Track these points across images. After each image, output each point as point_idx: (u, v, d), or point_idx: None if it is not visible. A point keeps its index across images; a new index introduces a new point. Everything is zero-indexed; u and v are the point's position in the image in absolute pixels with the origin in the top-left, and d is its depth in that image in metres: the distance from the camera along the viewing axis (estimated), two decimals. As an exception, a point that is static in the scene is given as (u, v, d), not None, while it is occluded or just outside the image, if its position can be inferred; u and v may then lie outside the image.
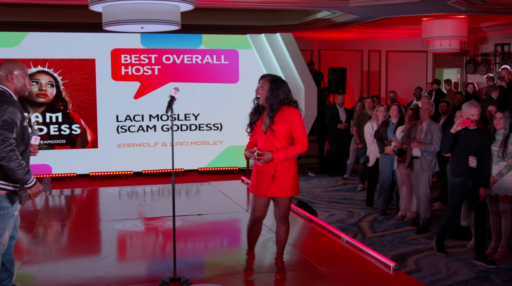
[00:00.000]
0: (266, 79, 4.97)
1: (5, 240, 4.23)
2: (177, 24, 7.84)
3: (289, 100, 4.90)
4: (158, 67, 11.70)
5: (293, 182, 4.94)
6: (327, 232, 6.55)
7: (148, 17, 7.32)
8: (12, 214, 4.24)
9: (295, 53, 11.99)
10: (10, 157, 4.03)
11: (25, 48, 11.11)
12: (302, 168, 12.85)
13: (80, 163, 11.47)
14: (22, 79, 4.32)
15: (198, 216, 7.41)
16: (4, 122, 4.02)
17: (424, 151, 7.35)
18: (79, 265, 5.52)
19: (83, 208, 8.69)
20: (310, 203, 8.90)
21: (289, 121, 4.80)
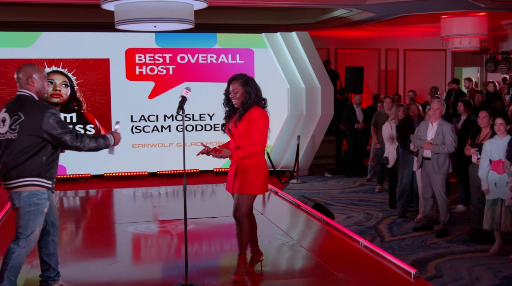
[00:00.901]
0: (239, 83, 4.90)
1: (34, 237, 4.33)
2: (190, 23, 7.70)
3: (259, 98, 4.93)
4: (173, 66, 11.59)
5: (252, 180, 4.85)
6: (345, 236, 6.36)
7: (161, 15, 7.18)
8: (41, 210, 4.33)
9: (311, 52, 11.82)
10: (84, 142, 4.38)
11: (39, 48, 11.05)
12: (318, 168, 12.69)
13: (94, 164, 11.38)
14: (41, 81, 4.45)
15: (212, 218, 7.26)
16: (59, 123, 4.29)
17: (436, 152, 7.12)
18: (90, 268, 5.41)
19: (96, 210, 8.58)
20: (326, 205, 8.71)
21: (248, 120, 4.78)
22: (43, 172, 4.31)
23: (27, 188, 4.27)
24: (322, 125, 11.89)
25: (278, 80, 11.92)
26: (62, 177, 11.16)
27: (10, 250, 4.30)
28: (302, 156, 11.71)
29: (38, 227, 4.35)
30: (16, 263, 4.30)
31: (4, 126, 4.31)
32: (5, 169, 4.27)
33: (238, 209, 4.93)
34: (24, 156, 4.24)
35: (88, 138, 4.41)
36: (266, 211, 8.00)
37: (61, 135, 4.26)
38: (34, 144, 4.26)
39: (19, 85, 4.41)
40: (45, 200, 4.36)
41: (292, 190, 10.25)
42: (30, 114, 4.27)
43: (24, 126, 4.24)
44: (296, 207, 7.86)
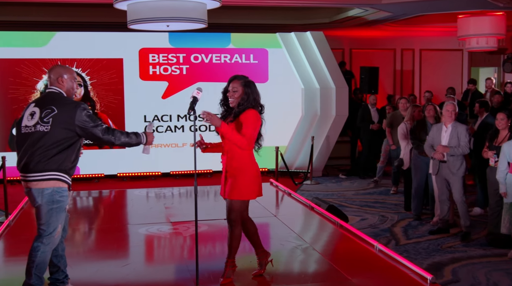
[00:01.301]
0: (239, 83, 4.82)
1: (57, 234, 4.37)
2: (203, 22, 7.62)
3: (257, 103, 4.84)
4: (186, 66, 11.54)
5: (241, 185, 4.78)
6: (359, 239, 6.23)
7: (174, 15, 7.11)
8: (64, 207, 4.37)
9: (326, 52, 11.71)
10: (116, 136, 4.42)
11: (53, 48, 11.06)
12: (333, 169, 12.57)
13: (107, 164, 11.38)
14: (71, 82, 4.53)
15: (224, 220, 7.10)
16: (90, 116, 4.36)
17: (451, 154, 6.99)
18: (101, 270, 5.34)
19: (108, 211, 8.52)
20: (340, 206, 8.60)
21: (242, 120, 4.73)
22: (68, 168, 4.37)
23: (50, 183, 4.27)
24: (337, 126, 11.78)
25: (292, 81, 11.83)
26: (76, 176, 11.15)
27: (35, 248, 4.31)
28: (316, 157, 11.60)
29: (61, 224, 4.39)
30: (42, 260, 4.33)
31: (33, 120, 4.34)
32: (32, 161, 4.26)
33: (231, 214, 4.87)
34: (56, 149, 4.27)
35: (119, 132, 4.47)
36: (279, 213, 7.91)
37: (93, 128, 4.33)
38: (67, 137, 4.31)
39: (49, 83, 4.51)
40: (66, 197, 4.40)
41: (305, 191, 10.15)
42: (63, 108, 4.33)
43: (57, 119, 4.29)
44: (310, 209, 7.75)
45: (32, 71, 10.89)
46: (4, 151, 10.89)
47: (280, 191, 9.15)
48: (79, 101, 4.49)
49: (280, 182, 9.96)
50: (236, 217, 4.86)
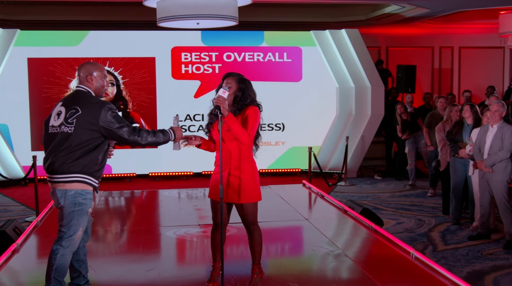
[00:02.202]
0: (234, 79, 4.62)
1: (78, 237, 4.25)
2: (234, 20, 7.45)
3: (254, 101, 4.63)
4: (219, 65, 11.41)
5: (252, 187, 4.59)
6: (394, 246, 5.96)
7: (204, 12, 6.95)
8: (86, 210, 4.25)
9: (361, 50, 11.44)
10: (142, 136, 4.25)
11: (86, 47, 11.06)
12: (368, 170, 12.29)
13: (139, 163, 11.33)
14: (101, 80, 4.40)
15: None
16: (116, 117, 4.20)
17: (490, 165, 6.65)
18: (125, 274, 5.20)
19: (137, 212, 8.39)
20: (375, 209, 8.34)
21: (244, 117, 4.51)
22: (94, 171, 4.23)
23: (74, 185, 4.16)
24: (372, 126, 11.49)
25: (326, 79, 11.59)
26: (108, 176, 11.14)
27: (54, 251, 4.20)
28: (351, 157, 11.34)
29: (82, 227, 4.26)
30: (61, 263, 4.20)
31: (59, 119, 4.23)
32: (57, 162, 4.16)
33: (247, 219, 4.67)
34: (80, 151, 4.15)
35: (146, 132, 4.28)
36: (312, 216, 7.67)
37: (118, 130, 4.17)
38: (92, 139, 4.18)
39: (78, 81, 4.38)
40: (90, 200, 4.27)
41: (339, 193, 9.91)
42: (88, 109, 4.19)
43: (81, 120, 4.15)
44: (343, 212, 7.50)
45: (66, 70, 10.90)
46: (38, 150, 10.94)
47: (313, 193, 8.92)
48: (105, 101, 4.32)
49: (313, 183, 9.72)
50: (253, 220, 4.68)
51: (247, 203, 4.58)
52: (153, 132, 4.32)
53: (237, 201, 4.58)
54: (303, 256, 5.38)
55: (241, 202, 4.58)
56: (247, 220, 4.65)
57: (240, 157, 4.55)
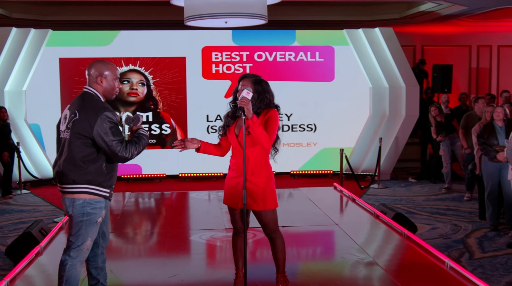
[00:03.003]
0: (249, 80, 4.43)
1: (86, 247, 4.06)
2: (263, 18, 7.28)
3: (272, 102, 4.47)
4: (250, 65, 11.26)
5: (268, 193, 4.41)
6: (428, 254, 5.70)
7: (232, 10, 6.78)
8: (95, 220, 4.04)
9: (396, 49, 11.15)
10: (130, 152, 3.99)
11: (116, 46, 11.05)
12: (402, 172, 11.99)
13: (169, 164, 11.27)
14: (112, 81, 4.13)
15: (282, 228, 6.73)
16: (112, 128, 3.92)
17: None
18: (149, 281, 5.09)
19: (163, 214, 8.28)
20: (409, 214, 8.07)
21: (264, 121, 4.33)
22: (103, 181, 4.01)
23: (82, 196, 3.98)
24: (407, 127, 11.19)
25: (359, 79, 11.35)
26: (138, 176, 11.12)
27: (63, 262, 4.03)
28: (384, 159, 11.07)
29: (91, 237, 4.06)
30: (71, 274, 4.03)
31: (64, 124, 4.04)
32: (62, 171, 3.97)
33: (268, 227, 4.49)
34: (82, 160, 3.92)
35: (132, 145, 4.00)
36: (342, 221, 7.43)
37: (111, 143, 3.89)
38: (85, 147, 3.92)
39: (87, 81, 4.11)
40: (100, 210, 4.05)
41: (372, 196, 9.66)
42: (85, 114, 3.92)
43: (76, 125, 3.92)
44: (375, 217, 7.26)
45: (96, 70, 10.87)
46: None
47: (345, 196, 8.68)
48: (106, 108, 3.99)
49: (344, 185, 9.50)
50: (275, 226, 4.51)
51: (266, 210, 4.41)
52: (134, 144, 4.02)
53: (256, 208, 4.41)
54: (332, 263, 5.18)
55: (260, 209, 4.40)
56: (268, 227, 4.49)
57: (257, 162, 4.39)
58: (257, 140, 4.26)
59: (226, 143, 4.60)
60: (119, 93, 10.93)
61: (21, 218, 8.26)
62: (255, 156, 4.37)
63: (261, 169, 4.40)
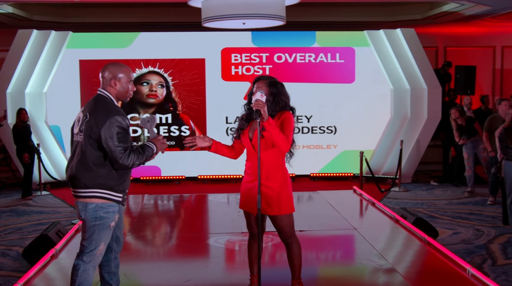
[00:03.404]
0: (264, 83, 4.35)
1: (99, 252, 4.01)
2: (282, 19, 7.18)
3: (288, 105, 4.37)
4: (269, 66, 11.19)
5: (284, 197, 4.30)
6: (449, 260, 5.56)
7: (250, 11, 6.70)
8: (108, 225, 3.99)
9: (418, 50, 10.98)
10: (132, 161, 3.90)
11: (136, 48, 11.06)
12: (424, 175, 11.81)
13: (188, 165, 11.23)
14: (126, 84, 4.06)
15: (299, 232, 6.64)
16: (119, 134, 3.86)
17: None
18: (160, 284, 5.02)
19: (180, 217, 8.23)
20: (430, 218, 7.92)
21: (279, 123, 4.22)
22: (115, 185, 3.96)
23: (94, 200, 3.93)
24: (428, 129, 11.02)
25: (380, 81, 11.20)
26: (157, 178, 11.10)
27: (76, 267, 3.99)
28: (406, 162, 10.90)
29: (104, 242, 4.01)
30: (83, 279, 3.99)
31: (77, 127, 4.00)
32: (74, 175, 3.93)
33: (284, 232, 4.39)
34: (93, 163, 3.88)
35: (134, 154, 3.90)
36: (361, 225, 7.26)
37: (115, 148, 3.82)
38: (93, 149, 3.88)
39: (101, 84, 4.06)
40: (113, 214, 4.00)
41: (393, 199, 9.51)
42: (95, 117, 3.88)
43: (87, 129, 3.88)
44: (395, 221, 7.11)
45: (116, 72, 10.88)
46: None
47: (364, 200, 8.55)
48: (118, 111, 3.92)
49: (365, 189, 9.37)
50: (291, 232, 4.41)
51: (282, 214, 4.32)
52: (139, 154, 3.94)
53: (270, 212, 4.31)
54: (349, 269, 5.07)
55: (275, 214, 4.31)
56: (284, 232, 4.39)
57: (272, 166, 4.30)
58: (275, 143, 4.17)
59: (239, 145, 4.53)
60: (138, 95, 10.97)
61: (40, 220, 8.28)
62: (270, 160, 4.29)
63: (276, 173, 4.31)
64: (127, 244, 6.30)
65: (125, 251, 6.02)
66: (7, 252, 6.57)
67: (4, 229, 7.73)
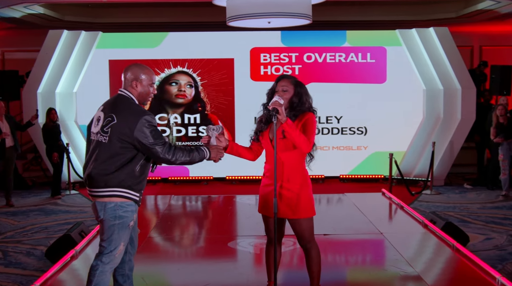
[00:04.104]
0: (290, 81, 4.22)
1: (119, 252, 3.96)
2: (308, 18, 7.03)
3: (311, 106, 4.24)
4: (299, 66, 11.05)
5: (304, 201, 4.15)
6: (478, 268, 5.32)
7: (275, 10, 6.57)
8: (127, 224, 3.94)
9: (451, 49, 10.69)
10: (177, 156, 3.94)
11: (165, 48, 11.04)
12: (457, 178, 11.51)
13: (217, 166, 11.10)
14: (147, 87, 4.04)
15: (323, 236, 6.52)
16: (153, 132, 3.88)
17: None
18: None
19: (204, 219, 8.15)
20: (462, 222, 7.68)
21: (301, 126, 4.10)
22: (133, 184, 3.92)
23: (113, 199, 3.89)
24: (462, 131, 10.71)
25: (413, 81, 10.94)
26: (185, 178, 11.06)
27: (94, 267, 3.93)
28: (438, 164, 10.63)
29: (123, 242, 3.96)
30: (100, 280, 3.92)
31: (97, 126, 3.95)
32: (93, 174, 3.89)
33: (304, 237, 4.23)
34: (115, 164, 3.85)
35: (181, 151, 3.94)
36: (388, 230, 7.01)
37: (153, 146, 3.84)
38: (125, 151, 3.87)
39: (123, 84, 4.04)
40: (132, 213, 3.95)
41: (424, 202, 9.27)
42: (124, 118, 3.86)
43: (115, 130, 3.85)
44: (423, 226, 6.89)
45: (145, 72, 10.89)
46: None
47: (394, 204, 8.32)
48: (145, 112, 3.94)
49: (395, 191, 9.15)
50: (311, 237, 4.25)
51: (302, 218, 4.17)
52: (188, 152, 3.98)
53: (291, 216, 4.16)
54: (372, 275, 4.90)
55: (295, 217, 4.16)
56: (303, 237, 4.24)
57: (293, 168, 4.16)
58: (296, 144, 4.06)
59: (257, 147, 4.41)
60: (167, 95, 10.95)
61: (67, 219, 8.31)
62: (291, 161, 4.16)
63: (297, 175, 4.18)
64: (149, 245, 6.26)
65: (146, 252, 5.98)
66: (32, 251, 6.60)
67: (31, 228, 7.79)
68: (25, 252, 6.56)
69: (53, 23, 11.77)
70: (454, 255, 5.82)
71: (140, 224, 7.27)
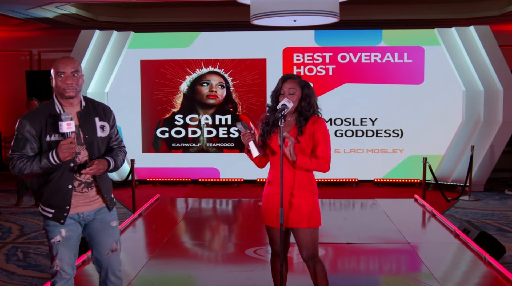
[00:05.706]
0: (297, 82, 3.91)
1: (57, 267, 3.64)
2: (335, 16, 6.76)
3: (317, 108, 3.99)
4: (333, 66, 10.75)
5: (313, 209, 3.89)
6: (510, 284, 4.95)
7: (301, 8, 6.31)
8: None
9: (493, 49, 10.21)
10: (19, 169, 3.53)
11: (196, 48, 10.92)
12: (497, 183, 11.01)
13: (247, 168, 10.90)
14: (55, 79, 3.58)
15: (346, 244, 6.24)
16: (14, 139, 3.60)
17: None
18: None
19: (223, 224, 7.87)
20: (500, 231, 7.27)
21: (313, 133, 3.85)
22: (37, 196, 3.76)
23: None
24: (504, 134, 10.23)
25: (451, 82, 10.50)
26: (216, 180, 10.91)
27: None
28: (478, 169, 10.17)
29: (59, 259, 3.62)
30: None
31: None
32: None
33: (308, 248, 3.93)
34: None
35: (23, 163, 3.51)
36: (416, 239, 6.55)
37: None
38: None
39: None
40: (55, 227, 3.65)
41: (461, 209, 8.86)
42: None
43: None
44: (455, 236, 6.50)
45: (176, 72, 10.82)
46: (148, 152, 10.98)
47: (426, 211, 7.91)
48: (24, 114, 3.62)
49: (430, 197, 8.75)
50: (315, 249, 3.97)
51: (311, 228, 3.90)
52: (30, 163, 3.50)
53: (301, 225, 3.88)
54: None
55: (305, 227, 3.88)
56: (309, 249, 3.93)
57: (304, 174, 3.89)
58: (316, 171, 3.87)
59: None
60: (198, 96, 10.81)
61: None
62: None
63: (307, 182, 3.91)
64: (164, 250, 6.09)
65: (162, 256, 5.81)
66: (52, 253, 6.52)
67: (55, 229, 7.74)
68: (45, 253, 6.49)
69: (86, 23, 11.79)
70: (485, 268, 5.42)
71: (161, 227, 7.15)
